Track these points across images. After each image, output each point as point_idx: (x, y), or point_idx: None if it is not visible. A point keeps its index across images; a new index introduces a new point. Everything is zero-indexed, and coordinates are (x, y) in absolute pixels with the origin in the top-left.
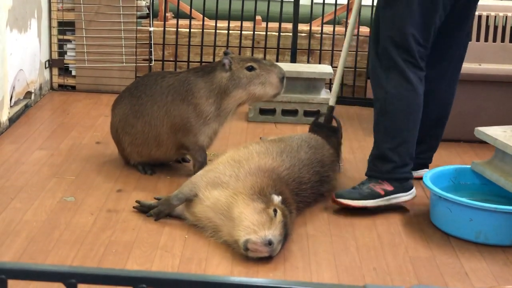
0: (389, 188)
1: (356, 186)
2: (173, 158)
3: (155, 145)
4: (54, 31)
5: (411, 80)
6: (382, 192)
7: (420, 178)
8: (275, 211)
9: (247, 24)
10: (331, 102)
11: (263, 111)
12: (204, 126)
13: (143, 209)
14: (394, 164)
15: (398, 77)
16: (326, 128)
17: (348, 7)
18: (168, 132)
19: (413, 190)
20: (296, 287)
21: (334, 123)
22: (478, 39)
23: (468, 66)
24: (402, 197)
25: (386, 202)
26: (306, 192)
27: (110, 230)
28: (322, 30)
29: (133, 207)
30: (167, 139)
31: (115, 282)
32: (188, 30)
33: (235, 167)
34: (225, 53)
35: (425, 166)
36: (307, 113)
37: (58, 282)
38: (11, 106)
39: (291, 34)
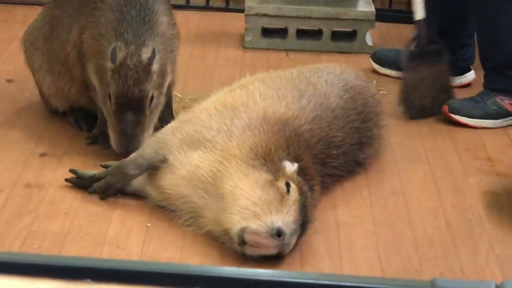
0: None
1: (476, 98)
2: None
3: (67, 76)
4: None
5: None
6: (511, 109)
7: (467, 85)
8: (287, 185)
9: None
10: (419, 15)
11: (267, 32)
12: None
13: (81, 183)
14: None
15: None
16: (428, 55)
17: None
18: (75, 58)
19: None
20: (330, 282)
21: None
22: None
23: None
24: None
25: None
26: (337, 160)
27: (30, 215)
28: None
29: (66, 179)
30: (76, 70)
31: (44, 272)
32: None
33: (226, 117)
34: None
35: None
36: (336, 36)
37: None
38: None
39: None
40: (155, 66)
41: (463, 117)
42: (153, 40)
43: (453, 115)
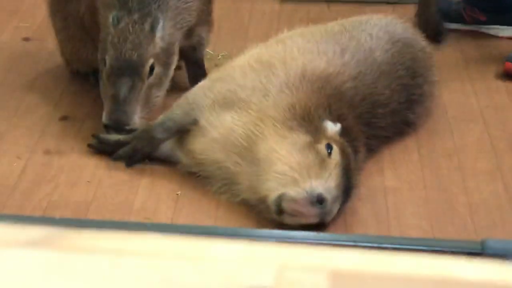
0: None
1: None
2: None
3: (89, 41)
4: None
5: None
6: None
7: None
8: (329, 147)
9: None
10: None
11: None
12: None
13: (105, 149)
14: None
15: None
16: None
17: None
18: (90, 21)
19: None
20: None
21: None
22: None
23: None
24: None
25: None
26: (384, 120)
27: (50, 185)
28: None
29: (88, 145)
30: (94, 33)
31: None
32: None
33: (262, 74)
34: None
35: None
36: None
37: None
38: None
39: None
40: (159, 36)
41: None
42: (161, 13)
43: None
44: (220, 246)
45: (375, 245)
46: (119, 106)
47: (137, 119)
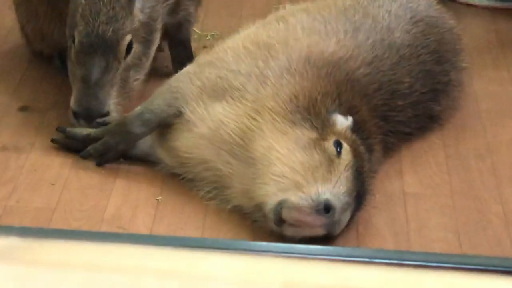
0: None
1: None
2: None
3: (55, 16)
4: None
5: None
6: None
7: None
8: (338, 145)
9: None
10: None
11: None
12: None
13: (72, 145)
14: None
15: None
16: None
17: None
18: None
19: None
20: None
21: None
22: None
23: None
24: None
25: None
26: (404, 113)
27: (7, 187)
28: None
29: (52, 140)
30: (60, 3)
31: None
32: None
33: (258, 59)
34: None
35: None
36: None
37: None
38: None
39: None
40: (139, 7)
41: None
42: None
43: None
44: (214, 261)
45: (394, 261)
46: (90, 90)
47: (112, 106)
